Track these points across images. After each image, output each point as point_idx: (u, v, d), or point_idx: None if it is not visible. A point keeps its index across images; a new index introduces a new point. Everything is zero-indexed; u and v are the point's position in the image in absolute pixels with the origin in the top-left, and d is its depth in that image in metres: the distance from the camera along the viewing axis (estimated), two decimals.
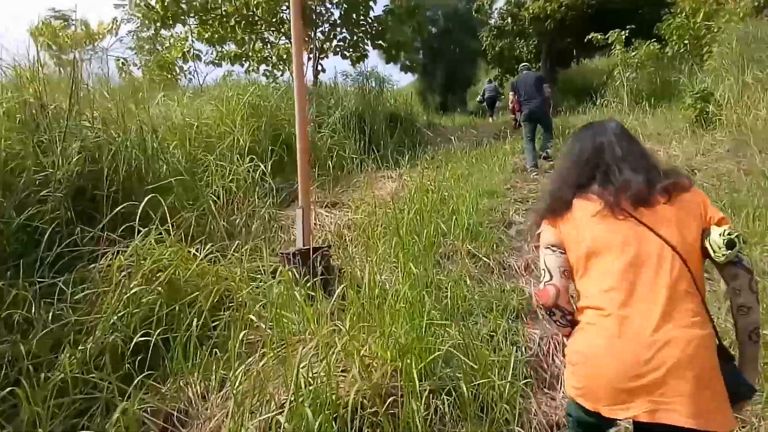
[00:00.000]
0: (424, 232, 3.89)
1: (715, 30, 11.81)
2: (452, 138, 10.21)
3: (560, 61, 20.63)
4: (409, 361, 2.24)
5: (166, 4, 10.05)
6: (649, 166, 1.67)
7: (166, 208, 3.50)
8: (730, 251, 1.53)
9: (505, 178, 7.32)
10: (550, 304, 1.67)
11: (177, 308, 2.70)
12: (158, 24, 10.70)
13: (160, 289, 2.70)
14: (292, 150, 7.31)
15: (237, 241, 4.01)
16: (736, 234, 1.55)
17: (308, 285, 3.15)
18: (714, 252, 1.55)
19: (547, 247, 1.72)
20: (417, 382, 2.25)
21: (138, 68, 15.35)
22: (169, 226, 3.24)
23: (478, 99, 20.66)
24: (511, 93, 9.42)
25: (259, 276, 3.36)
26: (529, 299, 3.58)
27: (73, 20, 14.15)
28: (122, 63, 15.21)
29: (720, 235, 1.55)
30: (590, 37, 14.21)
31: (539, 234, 1.79)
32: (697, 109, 8.99)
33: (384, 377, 2.25)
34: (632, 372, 1.43)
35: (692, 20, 13.24)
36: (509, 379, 2.54)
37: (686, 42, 13.69)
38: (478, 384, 2.38)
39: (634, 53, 13.35)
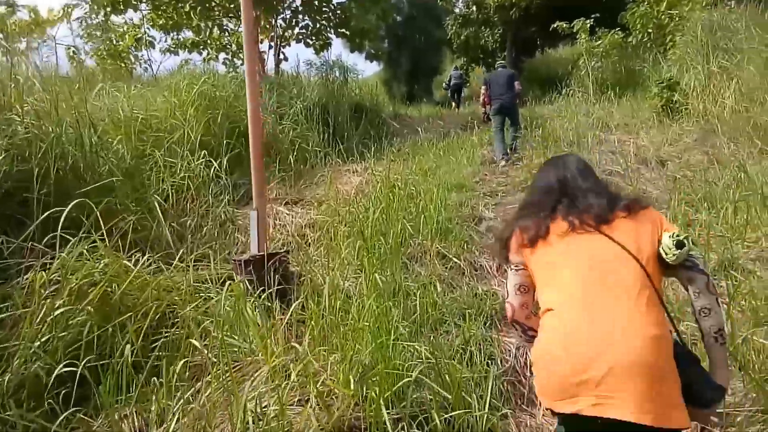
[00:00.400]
0: (390, 233, 3.61)
1: (678, 18, 11.81)
2: (419, 129, 9.95)
3: (525, 51, 20.53)
4: (374, 390, 1.98)
5: None
6: (611, 194, 1.79)
7: (100, 213, 3.13)
8: (680, 251, 1.58)
9: (473, 171, 7.11)
10: (510, 321, 1.82)
11: (110, 330, 2.37)
12: (108, 9, 10.11)
13: (90, 308, 2.35)
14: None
15: (185, 247, 3.68)
16: (684, 236, 1.62)
17: (263, 296, 2.86)
18: (666, 254, 1.60)
19: (509, 267, 1.82)
20: (384, 411, 1.99)
21: (90, 57, 14.66)
22: (103, 233, 2.87)
23: (443, 86, 20.44)
24: (483, 87, 9.37)
25: (209, 287, 3.04)
26: (503, 303, 3.35)
27: (20, 7, 13.39)
28: (72, 52, 14.49)
29: (669, 237, 1.61)
30: (555, 25, 14.10)
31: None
32: (663, 99, 8.93)
33: (347, 408, 1.98)
34: (579, 367, 1.45)
35: (656, 9, 13.22)
36: (486, 398, 2.30)
37: (650, 31, 13.69)
38: (453, 411, 2.12)
39: (598, 42, 13.28)
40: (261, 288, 2.93)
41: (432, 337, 2.67)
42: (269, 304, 2.95)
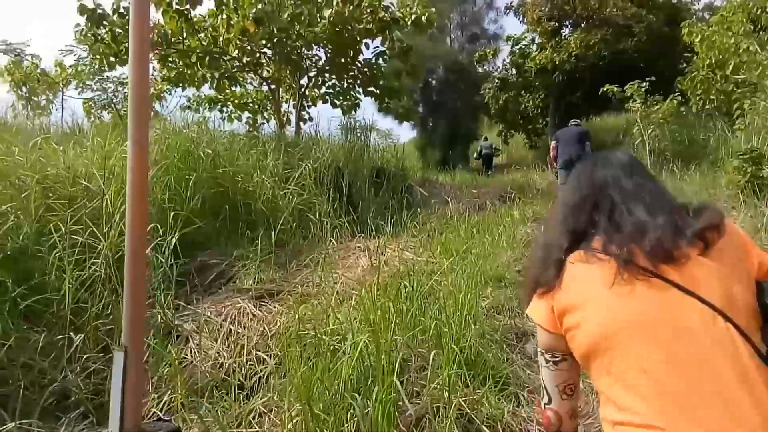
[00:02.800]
0: (374, 391, 2.09)
1: (746, 84, 10.52)
2: (449, 199, 8.53)
3: (569, 118, 19.24)
4: None
5: (117, 37, 8.55)
6: (671, 205, 1.20)
7: None
8: None
9: (515, 257, 5.57)
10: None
11: None
12: (112, 59, 9.20)
13: None
14: (237, 210, 5.63)
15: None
16: None
17: None
18: None
19: (541, 353, 1.28)
20: None
21: (108, 112, 14.03)
22: None
23: (474, 156, 20.73)
24: (553, 141, 9.28)
25: None
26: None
27: (27, 55, 12.93)
28: (89, 106, 13.85)
29: None
30: (605, 89, 12.74)
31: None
32: (747, 174, 7.38)
33: None
34: None
35: (719, 74, 11.89)
36: None
37: (713, 98, 12.32)
38: None
39: (656, 107, 11.84)
40: None
41: None
42: None
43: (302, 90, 11.27)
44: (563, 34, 16.61)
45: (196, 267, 4.68)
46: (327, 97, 11.87)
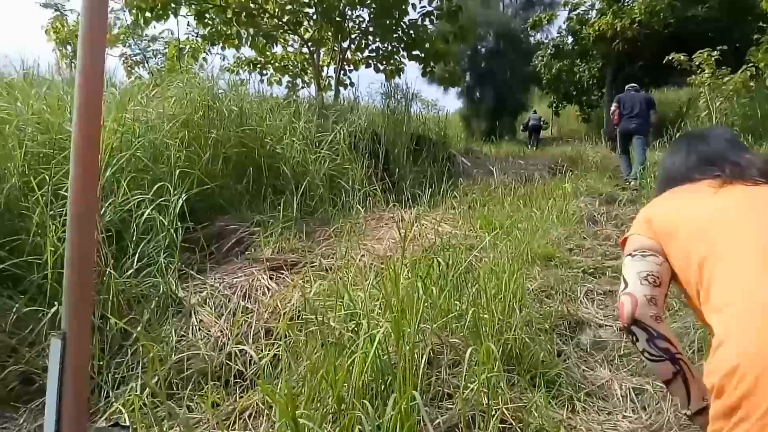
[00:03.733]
0: (391, 398, 1.62)
1: None
2: (493, 169, 7.92)
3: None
4: None
5: None
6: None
7: None
8: None
9: (566, 233, 4.98)
10: (627, 322, 1.14)
11: None
12: (148, 15, 8.85)
13: None
14: (261, 174, 5.22)
15: None
16: None
17: None
18: None
19: (630, 255, 1.23)
20: None
21: (147, 70, 13.89)
22: None
23: (521, 127, 20.41)
24: (614, 104, 8.63)
25: None
26: None
27: (67, 10, 12.82)
28: (130, 65, 13.69)
29: None
30: (671, 58, 11.69)
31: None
32: None
33: None
34: None
35: None
36: None
37: None
38: None
39: (727, 79, 10.80)
40: None
41: None
42: None
43: (343, 53, 10.73)
44: None
45: (214, 232, 4.31)
46: (370, 62, 11.29)
